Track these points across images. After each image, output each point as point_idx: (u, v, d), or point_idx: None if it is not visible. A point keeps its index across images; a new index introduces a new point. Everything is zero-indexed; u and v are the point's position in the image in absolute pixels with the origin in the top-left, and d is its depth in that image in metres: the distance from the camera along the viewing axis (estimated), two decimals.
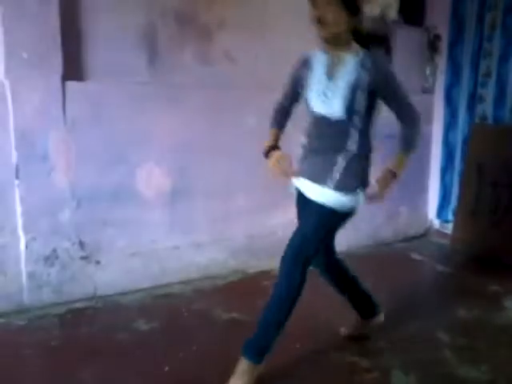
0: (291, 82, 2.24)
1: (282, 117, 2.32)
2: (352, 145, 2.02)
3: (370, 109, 2.02)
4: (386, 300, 2.07)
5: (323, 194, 2.02)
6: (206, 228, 3.27)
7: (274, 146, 2.21)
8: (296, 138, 2.24)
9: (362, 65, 1.95)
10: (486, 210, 3.76)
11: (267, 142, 2.25)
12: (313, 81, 2.07)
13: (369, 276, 2.95)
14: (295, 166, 2.16)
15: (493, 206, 3.72)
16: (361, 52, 1.98)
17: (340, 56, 2.01)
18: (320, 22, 1.91)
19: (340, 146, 2.03)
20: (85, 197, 2.82)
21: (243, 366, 2.05)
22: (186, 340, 2.46)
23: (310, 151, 2.14)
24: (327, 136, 2.07)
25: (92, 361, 2.26)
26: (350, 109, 1.97)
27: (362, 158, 2.07)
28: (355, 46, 2.00)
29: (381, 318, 2.47)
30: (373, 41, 2.08)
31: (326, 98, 2.00)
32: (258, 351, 2.06)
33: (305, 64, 2.15)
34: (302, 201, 2.18)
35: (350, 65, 1.97)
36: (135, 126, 2.92)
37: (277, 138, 2.27)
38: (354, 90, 1.95)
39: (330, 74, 2.02)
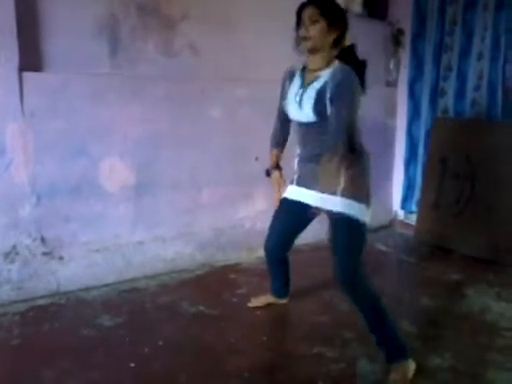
0: (280, 96, 2.32)
1: (279, 135, 2.46)
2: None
3: None
4: None
5: (335, 202, 2.03)
6: (171, 222, 3.23)
7: (275, 167, 2.47)
8: None
9: (333, 75, 2.03)
10: (449, 202, 3.84)
11: (269, 161, 2.50)
12: (290, 91, 2.21)
13: None
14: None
15: (455, 198, 3.80)
16: (336, 65, 2.06)
17: (318, 70, 2.09)
18: (305, 39, 2.05)
19: (324, 151, 2.04)
20: (45, 191, 2.74)
21: (398, 370, 2.07)
22: (152, 335, 2.43)
23: (303, 159, 2.26)
24: (311, 142, 2.16)
25: (55, 359, 2.21)
26: (320, 113, 2.04)
27: (354, 161, 2.06)
28: (334, 61, 2.09)
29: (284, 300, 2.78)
30: (353, 61, 2.13)
31: (298, 105, 2.12)
32: (397, 351, 2.10)
33: (288, 76, 2.27)
34: (293, 209, 2.31)
35: (322, 76, 2.06)
36: (97, 118, 2.85)
37: (277, 158, 2.49)
38: (319, 96, 2.03)
39: (304, 85, 2.13)
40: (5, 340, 2.36)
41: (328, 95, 2.00)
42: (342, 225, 2.06)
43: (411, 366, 2.10)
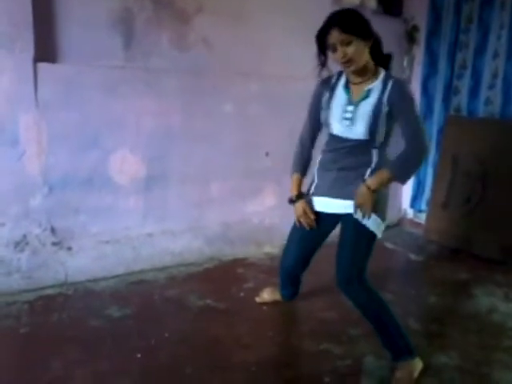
0: (312, 110, 2.22)
1: (303, 158, 2.31)
2: (373, 162, 2.05)
3: (389, 130, 2.03)
4: None
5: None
6: (180, 215, 3.24)
7: (299, 195, 2.27)
8: None
9: (383, 88, 1.97)
10: (459, 201, 3.81)
11: (291, 189, 2.30)
12: (334, 104, 2.07)
13: None
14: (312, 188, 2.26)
15: (466, 197, 3.77)
16: (383, 75, 2.00)
17: (364, 83, 2.01)
18: (345, 61, 1.93)
19: (363, 163, 2.06)
20: (57, 182, 2.77)
21: (404, 368, 2.07)
22: (159, 327, 2.44)
23: (330, 168, 2.15)
24: (348, 155, 2.08)
25: (63, 348, 2.23)
26: (372, 132, 1.98)
27: None
28: (378, 69, 2.01)
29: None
30: (380, 55, 2.06)
31: (350, 123, 2.01)
32: (403, 350, 2.10)
33: (326, 87, 2.13)
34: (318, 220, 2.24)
35: (373, 90, 1.99)
36: (110, 111, 2.86)
37: (300, 184, 2.30)
38: (375, 114, 1.96)
39: (353, 100, 2.03)
40: (14, 328, 2.39)
41: (385, 110, 1.95)
42: (356, 230, 2.06)
43: (418, 364, 2.10)
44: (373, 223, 2.04)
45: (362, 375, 2.14)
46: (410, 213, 4.44)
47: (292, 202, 2.28)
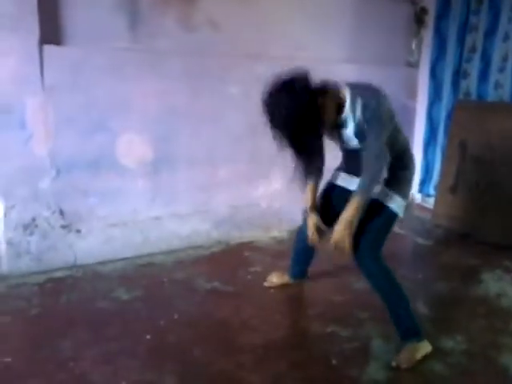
0: None
1: (315, 166, 2.33)
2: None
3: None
4: None
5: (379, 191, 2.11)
6: (188, 198, 3.25)
7: (313, 207, 2.36)
8: None
9: (354, 114, 2.01)
10: (468, 186, 3.79)
11: (306, 199, 2.38)
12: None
13: None
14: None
15: (474, 182, 3.74)
16: (348, 100, 2.01)
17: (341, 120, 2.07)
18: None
19: None
20: (64, 165, 2.77)
21: (408, 349, 2.09)
22: (167, 309, 2.46)
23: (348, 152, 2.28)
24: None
25: (72, 330, 2.25)
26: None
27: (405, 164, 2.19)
28: (342, 95, 2.03)
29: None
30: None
31: (345, 142, 2.16)
32: (410, 331, 2.12)
33: None
34: (338, 193, 2.33)
35: (347, 121, 2.05)
36: (116, 93, 2.85)
37: (314, 193, 2.38)
38: (359, 134, 2.04)
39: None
40: (25, 309, 2.42)
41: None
42: (379, 209, 2.10)
43: (424, 347, 2.11)
44: (395, 204, 2.11)
45: (369, 357, 2.14)
46: (419, 197, 4.42)
47: (305, 212, 2.38)
